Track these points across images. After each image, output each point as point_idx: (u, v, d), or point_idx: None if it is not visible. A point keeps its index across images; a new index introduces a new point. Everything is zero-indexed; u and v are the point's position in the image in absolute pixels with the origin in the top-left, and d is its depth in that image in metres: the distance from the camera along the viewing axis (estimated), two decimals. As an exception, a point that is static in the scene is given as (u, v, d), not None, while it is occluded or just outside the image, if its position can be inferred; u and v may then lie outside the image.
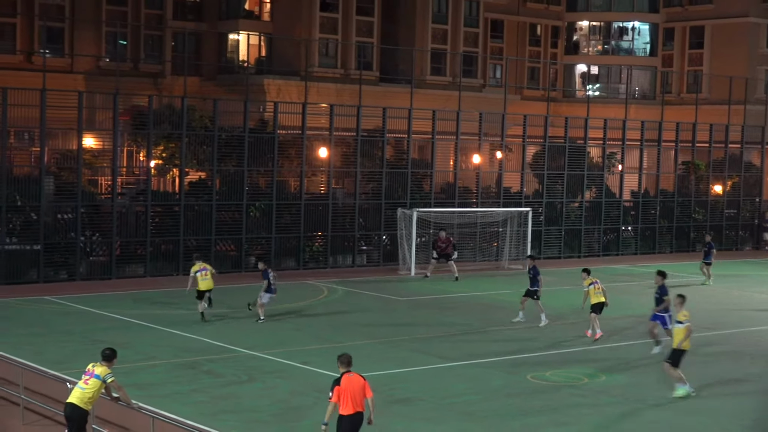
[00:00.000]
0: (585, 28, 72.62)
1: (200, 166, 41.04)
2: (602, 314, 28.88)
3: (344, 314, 31.64)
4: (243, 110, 41.12)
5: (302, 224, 41.90)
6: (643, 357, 26.37)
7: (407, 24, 60.19)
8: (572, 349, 27.00)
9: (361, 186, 44.04)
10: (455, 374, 23.35)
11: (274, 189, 41.31)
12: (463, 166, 48.35)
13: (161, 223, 39.42)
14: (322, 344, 26.78)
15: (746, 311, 34.88)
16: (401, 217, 42.31)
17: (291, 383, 22.24)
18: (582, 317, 31.34)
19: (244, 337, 27.12)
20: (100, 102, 40.90)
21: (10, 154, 37.79)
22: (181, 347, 25.70)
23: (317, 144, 44.00)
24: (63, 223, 37.41)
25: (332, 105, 44.19)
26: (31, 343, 25.48)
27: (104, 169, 40.29)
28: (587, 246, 49.13)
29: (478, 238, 45.30)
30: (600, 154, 51.68)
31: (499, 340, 28.07)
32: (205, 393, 21.19)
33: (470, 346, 26.96)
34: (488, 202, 47.42)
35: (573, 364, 24.92)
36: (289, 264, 41.72)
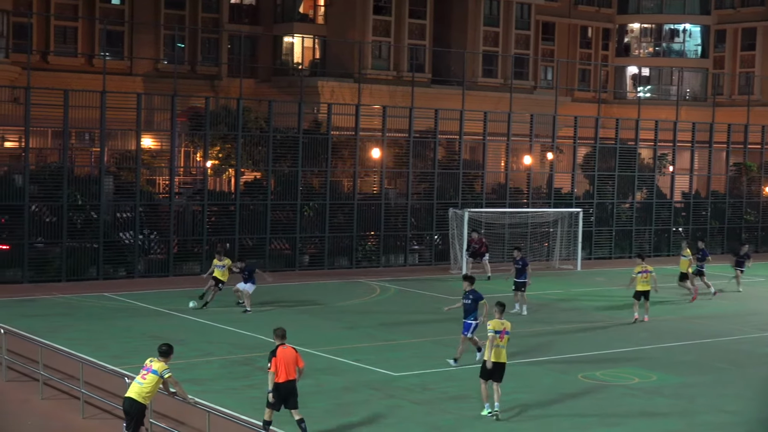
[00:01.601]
0: (636, 30, 71.94)
1: (255, 167, 41.24)
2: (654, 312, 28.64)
3: (396, 313, 31.61)
4: (297, 112, 41.24)
5: (355, 224, 41.96)
6: (696, 358, 26.07)
7: (459, 27, 59.99)
8: (623, 349, 26.75)
9: (413, 186, 44.01)
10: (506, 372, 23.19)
11: (327, 189, 41.40)
12: (514, 167, 48.14)
13: (217, 222, 39.66)
14: (373, 342, 26.78)
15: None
16: (453, 217, 42.22)
17: (343, 380, 22.26)
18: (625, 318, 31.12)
19: (297, 335, 27.08)
20: (158, 103, 41.26)
21: (71, 154, 38.25)
22: (236, 344, 25.83)
23: (370, 145, 44.02)
24: (121, 221, 37.77)
25: (385, 106, 44.20)
26: (92, 339, 25.75)
27: (162, 169, 40.64)
28: (638, 247, 48.63)
29: (529, 238, 45.07)
30: (651, 156, 51.21)
31: (549, 340, 27.89)
32: (259, 389, 21.21)
33: (520, 345, 26.80)
34: (539, 202, 47.19)
35: (623, 364, 24.69)
36: (342, 263, 41.80)
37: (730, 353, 26.86)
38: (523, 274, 31.65)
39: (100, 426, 18.26)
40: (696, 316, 32.73)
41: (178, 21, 54.91)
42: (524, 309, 31.72)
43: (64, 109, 36.20)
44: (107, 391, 19.49)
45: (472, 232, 40.85)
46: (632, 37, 72.07)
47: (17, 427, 18.22)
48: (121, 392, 16.57)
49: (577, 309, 33.42)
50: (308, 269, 40.85)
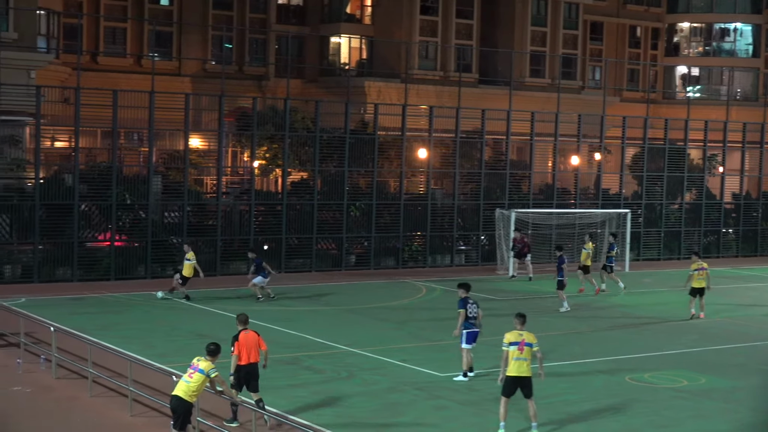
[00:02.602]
0: (686, 30, 71.28)
1: (302, 167, 41.36)
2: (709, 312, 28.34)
3: (442, 313, 31.51)
4: (344, 112, 41.29)
5: (401, 224, 41.94)
6: (746, 361, 25.75)
7: (506, 26, 59.76)
8: (671, 351, 26.47)
9: (460, 186, 43.91)
10: (555, 374, 23.08)
11: (374, 189, 41.42)
12: (562, 167, 47.90)
13: (264, 222, 39.81)
14: (420, 342, 26.74)
15: None
16: (499, 217, 42.06)
17: (390, 380, 22.23)
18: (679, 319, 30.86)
19: (343, 334, 27.22)
20: (206, 104, 41.54)
21: (120, 154, 38.57)
22: (282, 343, 25.88)
23: (417, 145, 43.99)
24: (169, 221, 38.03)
25: (432, 107, 44.16)
26: (140, 337, 25.95)
27: (209, 168, 40.88)
28: (687, 248, 48.15)
29: (576, 239, 44.76)
30: (700, 156, 50.72)
31: (597, 341, 27.70)
32: (305, 388, 21.30)
33: (569, 346, 26.65)
34: (586, 203, 46.91)
35: (672, 366, 24.44)
36: (388, 263, 41.79)
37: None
38: (560, 272, 32.17)
39: (147, 424, 18.38)
40: (748, 318, 32.34)
41: (226, 21, 55.18)
42: (565, 305, 32.22)
43: (113, 109, 36.52)
44: (155, 389, 19.63)
45: (515, 231, 40.72)
46: (682, 37, 71.41)
47: (66, 424, 18.40)
48: (169, 390, 16.67)
49: (625, 310, 33.14)
50: (354, 269, 40.88)
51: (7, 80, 35.47)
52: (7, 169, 36.48)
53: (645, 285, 39.44)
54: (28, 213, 35.32)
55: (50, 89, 37.84)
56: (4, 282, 34.67)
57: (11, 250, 35.71)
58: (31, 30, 40.89)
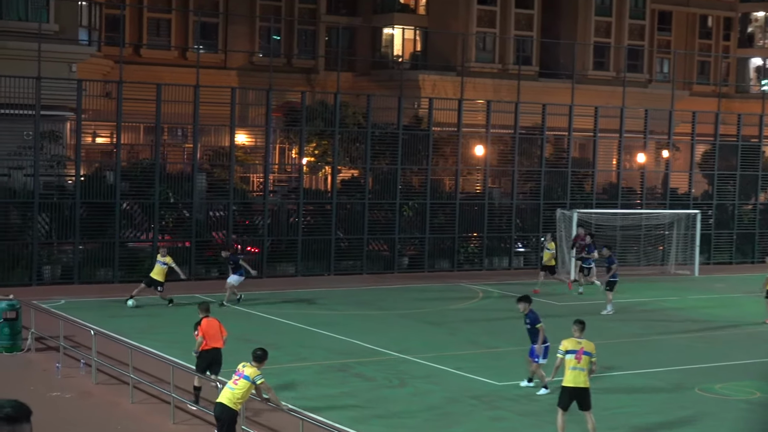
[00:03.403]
0: (760, 19, 70.41)
1: (353, 164, 41.42)
2: None
3: (499, 319, 31.39)
4: (397, 106, 41.30)
5: (457, 224, 41.84)
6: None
7: (569, 16, 59.43)
8: (743, 361, 26.10)
9: (519, 185, 43.73)
10: (618, 384, 22.88)
11: (428, 188, 41.37)
12: (627, 165, 47.53)
13: (312, 222, 39.90)
14: (476, 349, 26.63)
15: None
16: (560, 218, 41.76)
17: (444, 389, 22.14)
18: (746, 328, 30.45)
19: (395, 340, 27.18)
20: (252, 98, 41.73)
21: (163, 150, 38.87)
22: (332, 349, 25.91)
23: (473, 141, 43.87)
24: (214, 220, 38.25)
25: (489, 101, 44.03)
26: (183, 341, 26.03)
27: (256, 166, 41.07)
28: (761, 251, 47.52)
29: (643, 241, 44.39)
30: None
31: (663, 350, 27.40)
32: (355, 396, 21.29)
33: (633, 355, 26.40)
34: (653, 203, 46.51)
35: (744, 377, 24.10)
36: (442, 265, 41.72)
37: None
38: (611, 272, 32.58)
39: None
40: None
41: (274, 12, 55.42)
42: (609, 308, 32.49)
43: (156, 103, 36.82)
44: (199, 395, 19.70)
45: (579, 227, 40.44)
46: (756, 27, 70.54)
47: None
48: (212, 397, 16.72)
49: (694, 317, 32.78)
50: (407, 271, 40.87)
51: (47, 74, 35.88)
52: (47, 166, 36.88)
53: (717, 290, 38.98)
54: (68, 212, 35.71)
55: (92, 83, 38.22)
56: (44, 283, 35.09)
57: (51, 249, 36.15)
58: (73, 21, 41.35)
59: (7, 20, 39.10)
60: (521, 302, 22.18)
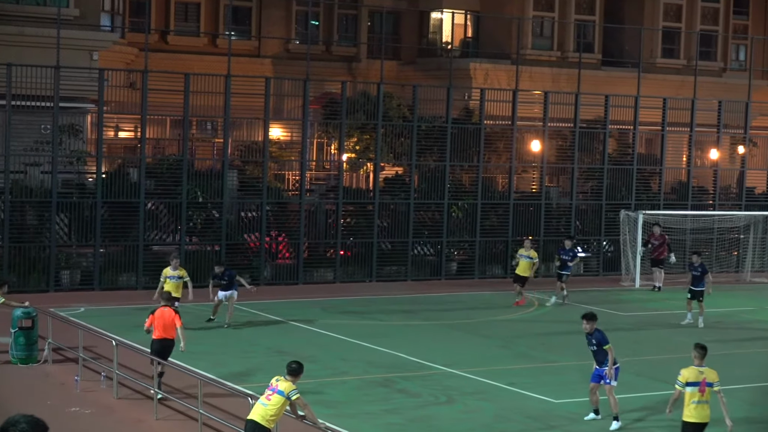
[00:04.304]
0: None
1: (397, 161, 41.48)
2: None
3: (556, 330, 31.31)
4: (446, 98, 41.33)
5: (511, 227, 41.77)
6: None
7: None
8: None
9: (579, 184, 43.63)
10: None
11: (479, 187, 41.35)
12: (698, 162, 47.28)
13: (353, 224, 39.98)
14: (530, 363, 26.60)
15: None
16: (625, 219, 41.61)
17: (495, 406, 22.13)
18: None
19: (442, 353, 27.18)
20: (288, 89, 41.86)
21: (191, 145, 39.12)
22: (373, 362, 25.95)
23: (529, 136, 43.81)
24: (246, 221, 38.42)
25: (547, 92, 43.99)
26: (211, 353, 26.23)
27: (292, 162, 41.20)
28: None
29: (715, 245, 44.08)
30: None
31: (739, 364, 27.15)
32: (398, 414, 21.32)
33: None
34: (727, 204, 46.27)
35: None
36: (494, 271, 41.68)
37: None
38: (701, 282, 32.19)
39: (219, 451, 18.58)
40: None
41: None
42: (700, 321, 32.17)
43: (184, 95, 37.05)
44: (228, 412, 19.79)
45: (654, 225, 40.26)
46: (843, 9, 69.85)
47: (129, 450, 18.68)
48: (243, 414, 16.77)
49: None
50: (456, 278, 40.85)
51: (67, 62, 36.18)
52: (66, 162, 37.16)
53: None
54: (88, 212, 36.01)
55: (114, 72, 38.56)
56: (62, 289, 35.41)
57: (70, 253, 36.47)
58: (95, 6, 41.69)
59: (24, 5, 39.48)
60: (586, 320, 20.85)
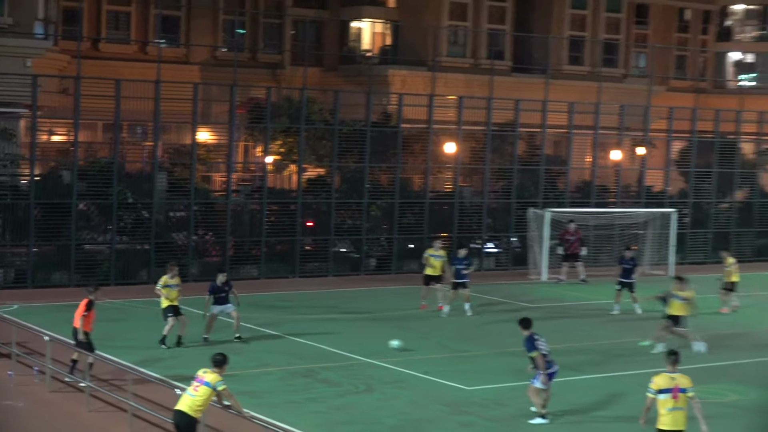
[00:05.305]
0: (739, 13, 70.94)
1: (319, 162, 41.45)
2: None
3: (469, 321, 31.55)
4: (365, 103, 41.34)
5: (426, 224, 41.90)
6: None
7: (543, 9, 59.70)
8: (719, 363, 26.37)
9: (491, 184, 43.87)
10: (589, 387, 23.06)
11: (397, 187, 41.43)
12: (602, 162, 47.74)
13: (277, 223, 39.90)
14: (445, 353, 26.76)
15: None
16: (533, 217, 41.94)
17: (412, 394, 22.27)
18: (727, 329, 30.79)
19: (362, 345, 27.26)
20: (216, 94, 41.73)
21: (122, 148, 38.74)
22: (296, 354, 25.97)
23: (444, 138, 43.97)
24: (174, 221, 38.16)
25: (461, 97, 44.13)
26: (142, 347, 26.06)
27: (219, 164, 41.01)
28: (738, 251, 47.81)
29: (617, 241, 44.60)
30: (754, 150, 50.47)
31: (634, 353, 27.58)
32: (320, 403, 21.38)
33: (606, 358, 26.62)
34: (628, 202, 46.75)
35: (720, 379, 24.33)
36: (411, 267, 41.76)
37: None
38: (632, 274, 33.83)
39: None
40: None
41: (239, 5, 55.38)
42: (637, 308, 33.72)
43: (115, 100, 36.64)
44: (157, 403, 19.69)
45: (569, 222, 40.61)
46: (735, 20, 71.09)
47: (61, 441, 18.54)
48: (172, 405, 16.73)
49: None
50: (375, 274, 40.91)
51: (1, 69, 35.71)
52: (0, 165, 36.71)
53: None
54: (22, 213, 35.47)
55: (48, 78, 38.10)
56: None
57: (3, 252, 35.88)
58: (28, 14, 41.17)
59: (-41, 13, 38.90)
60: (520, 326, 20.26)
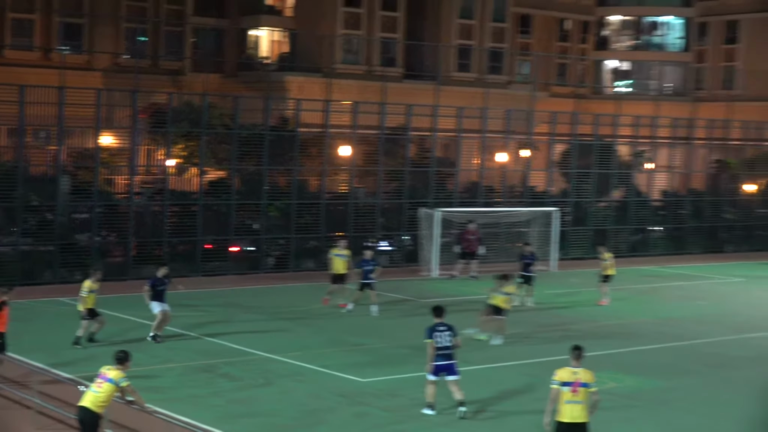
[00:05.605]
0: (615, 23, 72.34)
1: (219, 165, 41.20)
2: (632, 315, 28.91)
3: (364, 316, 31.70)
4: (264, 108, 41.25)
5: (322, 224, 41.96)
6: (672, 361, 26.32)
7: (433, 19, 60.16)
8: (598, 352, 26.78)
9: (384, 185, 44.08)
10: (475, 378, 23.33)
11: (294, 188, 41.40)
12: (488, 164, 48.26)
13: (179, 223, 39.57)
14: (340, 347, 26.86)
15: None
16: (424, 217, 42.26)
17: (309, 387, 22.33)
18: (605, 320, 31.40)
19: (261, 341, 27.23)
20: (118, 100, 41.14)
21: (26, 152, 38.03)
22: (198, 350, 25.84)
23: (339, 142, 44.05)
24: (78, 223, 37.62)
25: (355, 102, 44.28)
26: (46, 346, 25.67)
27: (122, 168, 40.48)
28: (615, 247, 48.77)
29: (503, 238, 45.15)
30: (629, 152, 51.50)
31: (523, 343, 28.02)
32: (221, 397, 21.32)
33: (491, 349, 26.98)
34: (513, 201, 47.34)
35: (599, 368, 24.68)
36: (308, 265, 41.80)
37: (706, 356, 27.17)
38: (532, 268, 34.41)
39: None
40: (675, 319, 33.01)
41: (140, 13, 54.74)
42: (530, 301, 34.19)
43: (19, 105, 35.97)
44: (62, 400, 19.45)
45: (469, 222, 40.94)
46: (611, 30, 72.48)
47: (-33, 439, 18.21)
48: (77, 401, 16.54)
49: (552, 311, 33.62)
50: (273, 272, 40.81)
51: None
52: None
53: (572, 285, 39.94)
54: (-73, 215, 34.69)
55: (-48, 85, 37.23)
56: None
57: None
58: (-69, 22, 40.18)
59: None
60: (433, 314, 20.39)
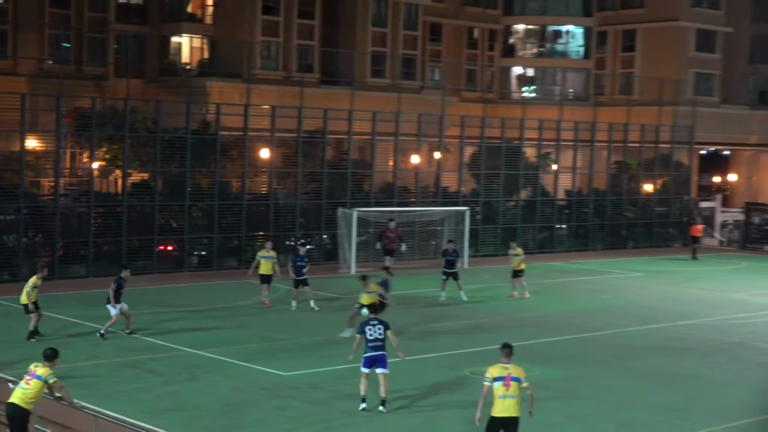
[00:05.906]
0: (521, 32, 72.99)
1: (143, 168, 40.70)
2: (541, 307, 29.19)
3: (286, 312, 31.60)
4: (186, 112, 40.80)
5: (244, 224, 41.70)
6: (580, 352, 26.66)
7: (348, 27, 60.10)
8: (509, 345, 27.10)
9: (303, 186, 43.95)
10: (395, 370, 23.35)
11: (216, 190, 41.08)
12: (403, 166, 48.42)
13: (104, 224, 39.00)
14: (264, 342, 26.73)
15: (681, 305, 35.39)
16: (342, 216, 42.27)
17: (233, 381, 22.18)
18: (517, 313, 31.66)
19: (186, 336, 26.98)
20: (43, 104, 40.42)
21: (-48, 156, 37.25)
22: (124, 347, 25.51)
23: (259, 145, 43.83)
24: (5, 224, 36.87)
25: (274, 107, 44.04)
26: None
27: (47, 170, 39.78)
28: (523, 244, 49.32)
29: (417, 236, 45.35)
30: (535, 154, 52.08)
31: (436, 336, 28.16)
32: (147, 392, 21.07)
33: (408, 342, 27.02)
34: (426, 201, 47.56)
35: (509, 359, 25.00)
36: (230, 263, 41.52)
37: (611, 346, 27.59)
38: (455, 264, 34.66)
39: (-17, 433, 17.86)
40: (581, 311, 33.45)
41: (64, 20, 53.77)
42: (462, 295, 34.43)
43: (-56, 110, 35.20)
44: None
45: (390, 221, 40.96)
46: (517, 38, 73.11)
47: None
48: (5, 398, 16.21)
49: (464, 305, 33.81)
50: (196, 270, 40.45)
51: None
52: None
53: (484, 281, 40.24)
54: None
55: None
56: None
57: None
58: None
59: None
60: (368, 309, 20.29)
